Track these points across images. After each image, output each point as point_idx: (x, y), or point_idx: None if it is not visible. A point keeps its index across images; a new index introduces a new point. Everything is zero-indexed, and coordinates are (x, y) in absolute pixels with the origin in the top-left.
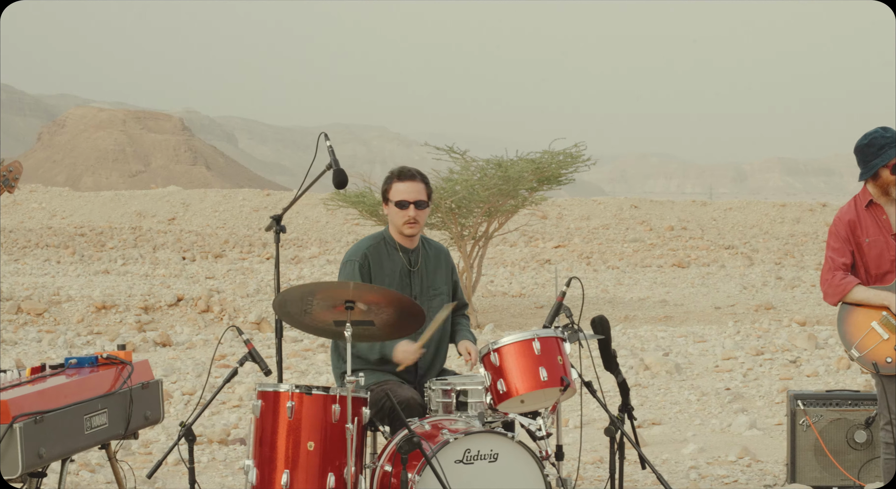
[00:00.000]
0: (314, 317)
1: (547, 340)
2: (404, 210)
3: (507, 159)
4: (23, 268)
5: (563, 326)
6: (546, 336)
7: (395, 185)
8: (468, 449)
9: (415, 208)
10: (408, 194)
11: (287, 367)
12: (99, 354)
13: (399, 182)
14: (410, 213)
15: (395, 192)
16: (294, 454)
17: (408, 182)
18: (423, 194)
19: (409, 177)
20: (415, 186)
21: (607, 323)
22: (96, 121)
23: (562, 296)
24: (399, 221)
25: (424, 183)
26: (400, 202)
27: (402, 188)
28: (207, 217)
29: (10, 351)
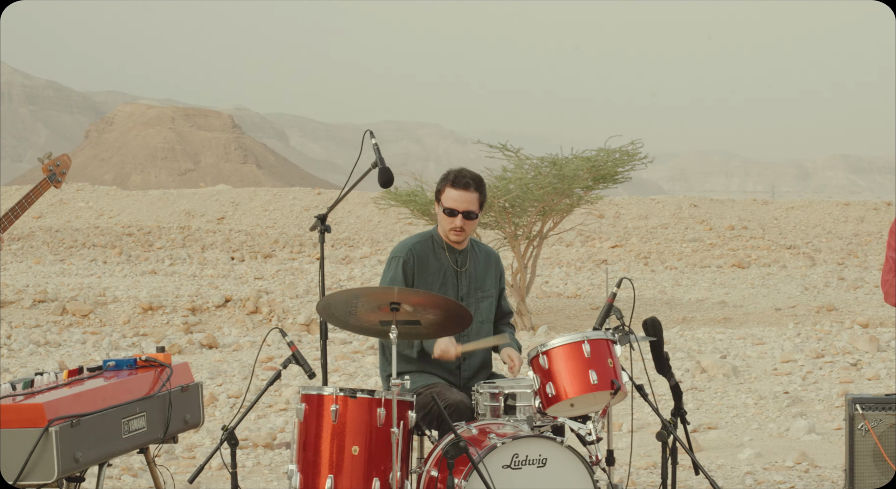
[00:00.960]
0: (360, 318)
1: (597, 342)
2: (452, 218)
3: (561, 157)
4: (69, 269)
5: (614, 328)
6: (596, 338)
7: (448, 191)
8: (516, 454)
9: (463, 218)
10: (458, 203)
11: (335, 370)
12: (137, 356)
13: (453, 188)
14: (457, 223)
15: (446, 197)
16: (338, 459)
17: (461, 190)
18: (474, 205)
19: (464, 185)
20: (467, 196)
21: (659, 325)
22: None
23: (612, 298)
24: (446, 227)
25: (479, 192)
26: (449, 210)
27: (454, 195)
28: (257, 216)
29: (53, 353)
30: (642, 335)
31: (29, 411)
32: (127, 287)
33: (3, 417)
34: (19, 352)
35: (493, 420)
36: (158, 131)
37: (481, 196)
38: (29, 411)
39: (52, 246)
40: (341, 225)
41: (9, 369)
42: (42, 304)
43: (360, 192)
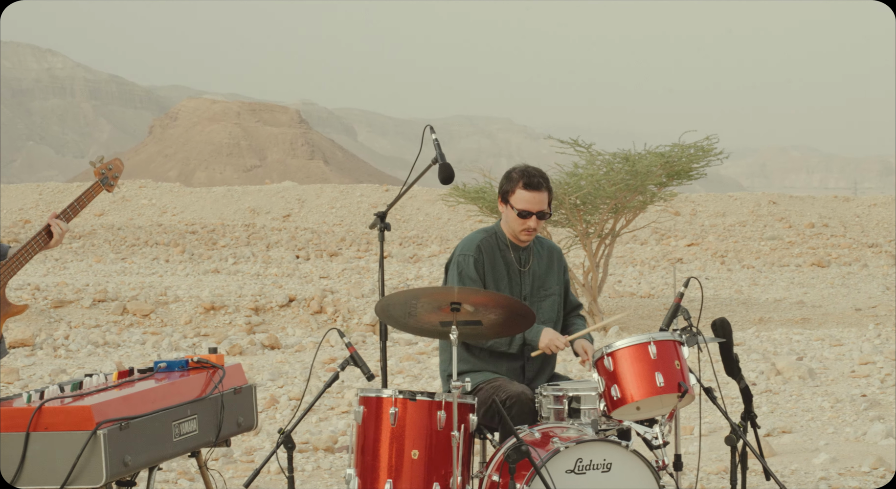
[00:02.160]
0: (419, 319)
1: (664, 344)
2: (525, 220)
3: (634, 153)
4: (130, 268)
5: (682, 329)
6: (663, 339)
7: (520, 192)
8: (580, 458)
9: (536, 219)
10: (532, 205)
11: (399, 372)
12: (189, 358)
13: (525, 190)
14: (531, 224)
15: (518, 198)
16: (397, 462)
17: (534, 192)
18: (545, 204)
19: (536, 186)
20: (539, 197)
21: (728, 325)
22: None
23: (679, 298)
24: (517, 228)
25: (549, 191)
26: (523, 211)
27: (526, 197)
28: (324, 213)
29: (112, 353)
30: (711, 336)
31: (77, 414)
32: (189, 286)
33: (51, 420)
34: (77, 352)
35: (557, 423)
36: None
37: (550, 193)
38: (77, 414)
39: (113, 244)
40: (409, 222)
41: (65, 370)
42: (102, 304)
43: (428, 188)
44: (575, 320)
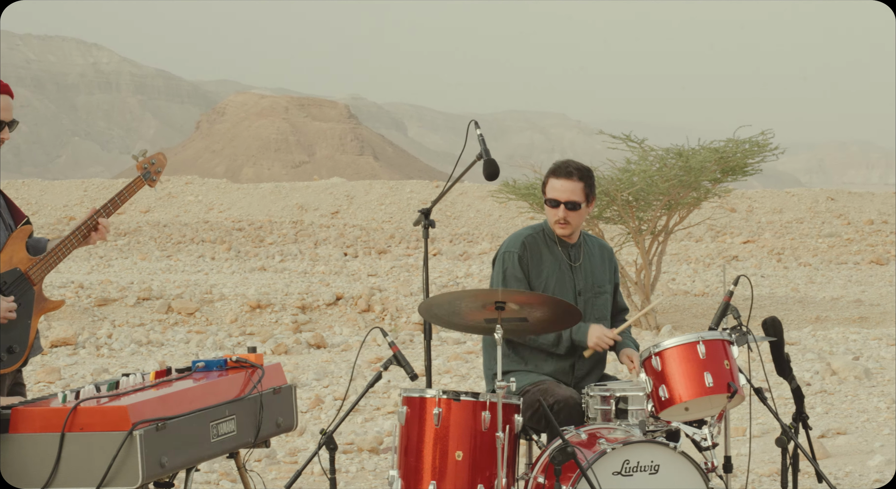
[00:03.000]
0: (464, 317)
1: (713, 343)
2: (554, 209)
3: (688, 148)
4: (175, 265)
5: (731, 328)
6: (712, 339)
7: (550, 181)
8: (627, 460)
9: (565, 209)
10: (560, 193)
11: (447, 372)
12: (228, 357)
13: (554, 178)
14: (560, 214)
15: (549, 187)
16: (441, 464)
17: (562, 179)
18: (577, 195)
19: (566, 174)
20: (569, 185)
21: (779, 324)
22: (257, 108)
23: (729, 296)
24: (550, 220)
25: (584, 182)
26: (551, 200)
27: (556, 185)
28: (373, 210)
29: (155, 353)
30: (761, 335)
31: (112, 414)
32: (235, 284)
33: (86, 420)
34: (120, 351)
35: (604, 424)
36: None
37: (587, 187)
38: (112, 414)
39: (159, 241)
40: (460, 219)
41: (108, 370)
42: (146, 302)
43: (479, 184)
44: (619, 325)
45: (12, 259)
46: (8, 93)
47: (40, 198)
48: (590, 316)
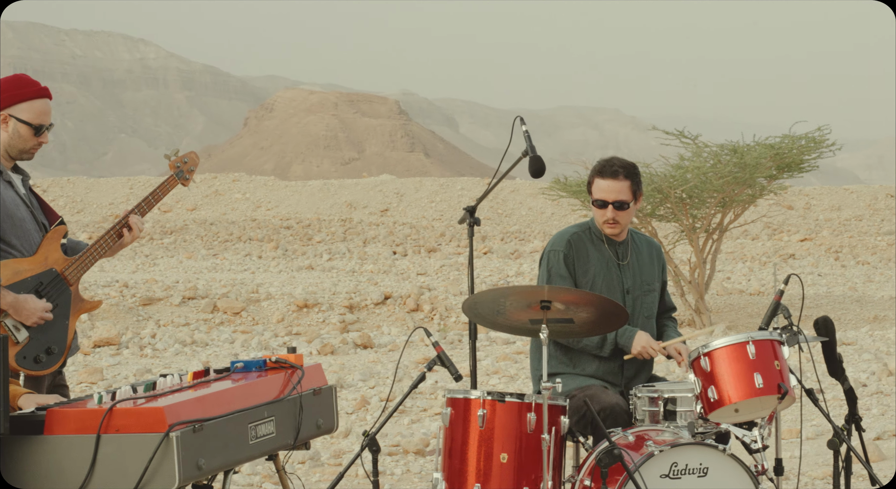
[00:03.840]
0: (509, 317)
1: (763, 343)
2: (603, 210)
3: (742, 144)
4: (221, 264)
5: (782, 328)
6: (762, 339)
7: (597, 181)
8: (675, 462)
9: (613, 209)
10: (607, 193)
11: (495, 372)
12: (267, 358)
13: (600, 178)
14: (608, 214)
15: (595, 188)
16: (486, 466)
17: (609, 180)
18: (624, 194)
19: (612, 174)
20: (616, 185)
21: (831, 324)
22: (307, 104)
23: (779, 295)
24: (599, 220)
25: (630, 180)
26: (598, 201)
27: (602, 186)
28: (423, 208)
29: (200, 353)
30: (813, 335)
31: (148, 415)
32: (282, 283)
33: (122, 422)
34: (164, 351)
35: (652, 426)
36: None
37: (633, 184)
38: (148, 415)
39: (205, 240)
40: (512, 217)
41: (151, 370)
42: (192, 302)
43: (531, 181)
44: (667, 322)
45: (47, 260)
46: (48, 96)
47: (85, 196)
48: (638, 315)
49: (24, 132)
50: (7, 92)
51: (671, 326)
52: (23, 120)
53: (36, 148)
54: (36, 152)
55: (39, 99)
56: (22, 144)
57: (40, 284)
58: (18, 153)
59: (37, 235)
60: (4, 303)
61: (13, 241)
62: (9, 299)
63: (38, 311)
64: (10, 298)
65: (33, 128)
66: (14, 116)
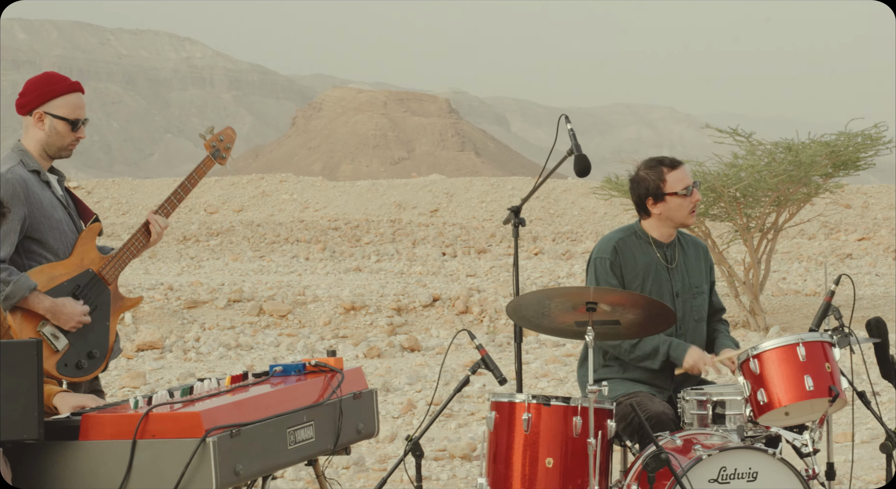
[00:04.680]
0: (553, 319)
1: (813, 345)
2: (689, 197)
3: (797, 142)
4: (268, 266)
5: (833, 329)
6: (812, 340)
7: (671, 174)
8: (724, 467)
9: (696, 190)
10: (688, 179)
11: (544, 375)
12: (306, 361)
13: (673, 169)
14: (695, 197)
15: (673, 180)
16: (531, 471)
17: (679, 168)
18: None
19: (678, 163)
20: (686, 170)
21: (884, 325)
22: (355, 103)
23: (830, 296)
24: (686, 211)
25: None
26: (686, 187)
27: (679, 174)
28: (473, 208)
29: (244, 356)
30: (865, 337)
31: (185, 420)
32: (329, 285)
33: (158, 427)
34: (208, 355)
35: (700, 429)
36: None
37: None
38: (185, 420)
39: (252, 241)
40: (564, 217)
41: (194, 374)
42: (237, 304)
43: (583, 180)
44: (718, 326)
45: (83, 261)
46: (81, 90)
47: (131, 197)
48: (688, 318)
49: (62, 128)
50: (40, 90)
51: (723, 332)
52: (59, 116)
53: (74, 144)
54: (73, 149)
55: (73, 93)
56: (60, 141)
57: (77, 287)
58: (57, 151)
59: (73, 237)
60: (42, 308)
61: (50, 244)
62: (46, 304)
63: (77, 315)
64: (47, 303)
65: (70, 123)
66: (49, 113)
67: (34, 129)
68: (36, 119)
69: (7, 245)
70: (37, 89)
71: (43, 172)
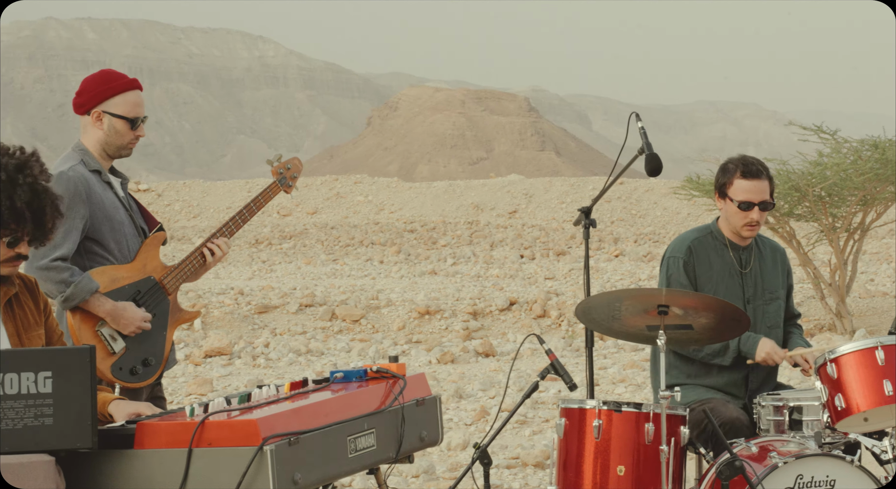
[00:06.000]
0: (624, 322)
1: (892, 349)
2: (747, 212)
3: (884, 139)
4: (341, 270)
5: None
6: (891, 344)
7: (739, 182)
8: (800, 474)
9: (759, 210)
10: (753, 194)
11: (621, 380)
12: (368, 367)
13: (743, 179)
14: (754, 217)
15: (737, 189)
16: (602, 479)
17: (754, 180)
18: (768, 193)
19: (755, 174)
20: (761, 185)
21: None
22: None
23: None
24: (738, 223)
25: (769, 179)
26: (745, 203)
27: (746, 186)
28: (553, 209)
29: (314, 362)
30: None
31: (242, 428)
32: (403, 289)
33: (214, 435)
34: (277, 361)
35: (777, 436)
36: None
37: (772, 184)
38: (242, 428)
39: (326, 244)
40: (646, 218)
41: (263, 381)
42: (309, 309)
43: (666, 180)
44: (792, 329)
45: (146, 267)
46: (139, 87)
47: (202, 200)
48: (761, 325)
49: (121, 127)
50: (97, 88)
51: (797, 333)
52: (117, 114)
53: (133, 143)
54: (133, 148)
55: (131, 91)
56: (119, 140)
57: (138, 292)
58: (116, 150)
59: (135, 241)
60: (102, 310)
61: (111, 246)
62: (107, 307)
63: (137, 320)
64: (108, 306)
65: (129, 121)
66: (108, 112)
67: (93, 128)
68: (94, 118)
69: (69, 243)
70: (94, 88)
71: (104, 172)
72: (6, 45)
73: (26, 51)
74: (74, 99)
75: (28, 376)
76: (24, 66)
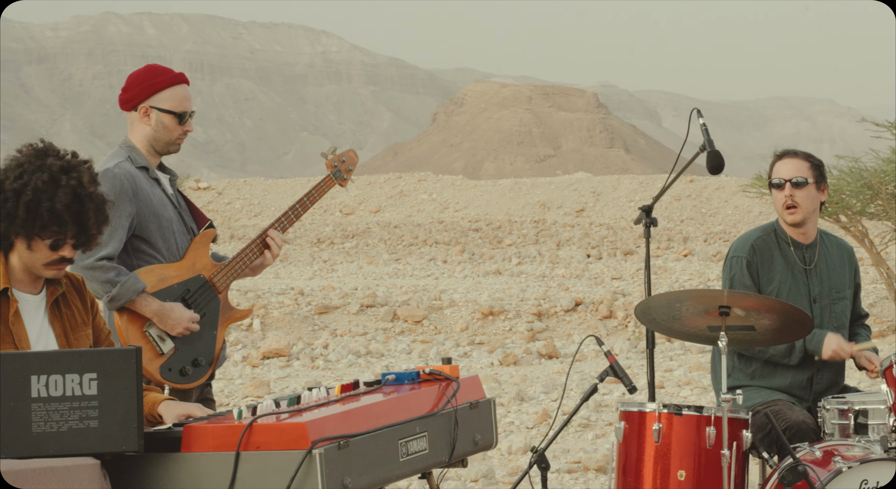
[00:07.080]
0: (684, 323)
1: None
2: (780, 191)
3: None
4: (403, 270)
5: None
6: None
7: (775, 167)
8: (865, 479)
9: (791, 187)
10: (784, 172)
11: (687, 383)
12: (420, 369)
13: (779, 160)
14: (786, 193)
15: (773, 174)
16: (662, 484)
17: (785, 159)
18: (803, 171)
19: (788, 153)
20: (793, 163)
21: None
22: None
23: None
24: (778, 207)
25: (810, 162)
26: (775, 184)
27: (778, 167)
28: (621, 207)
29: (374, 364)
30: None
31: (290, 431)
32: (466, 289)
33: (263, 438)
34: (336, 363)
35: (841, 440)
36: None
37: (814, 168)
38: (290, 431)
39: (389, 243)
40: (716, 216)
41: (321, 383)
42: (370, 309)
43: (737, 178)
44: (859, 330)
45: (195, 265)
46: (186, 81)
47: (263, 198)
48: (827, 325)
49: (169, 122)
50: (144, 83)
51: (863, 334)
52: (165, 109)
53: (182, 138)
54: (181, 143)
55: (178, 85)
56: (167, 136)
57: (187, 291)
58: (164, 146)
59: (184, 239)
60: (149, 311)
61: (158, 244)
62: (154, 307)
63: (185, 321)
64: (155, 306)
65: (177, 116)
66: (155, 107)
67: (140, 124)
68: (141, 114)
69: (115, 242)
70: (140, 83)
71: (152, 169)
72: (65, 40)
73: (86, 46)
74: (121, 95)
75: (73, 378)
76: (83, 62)
